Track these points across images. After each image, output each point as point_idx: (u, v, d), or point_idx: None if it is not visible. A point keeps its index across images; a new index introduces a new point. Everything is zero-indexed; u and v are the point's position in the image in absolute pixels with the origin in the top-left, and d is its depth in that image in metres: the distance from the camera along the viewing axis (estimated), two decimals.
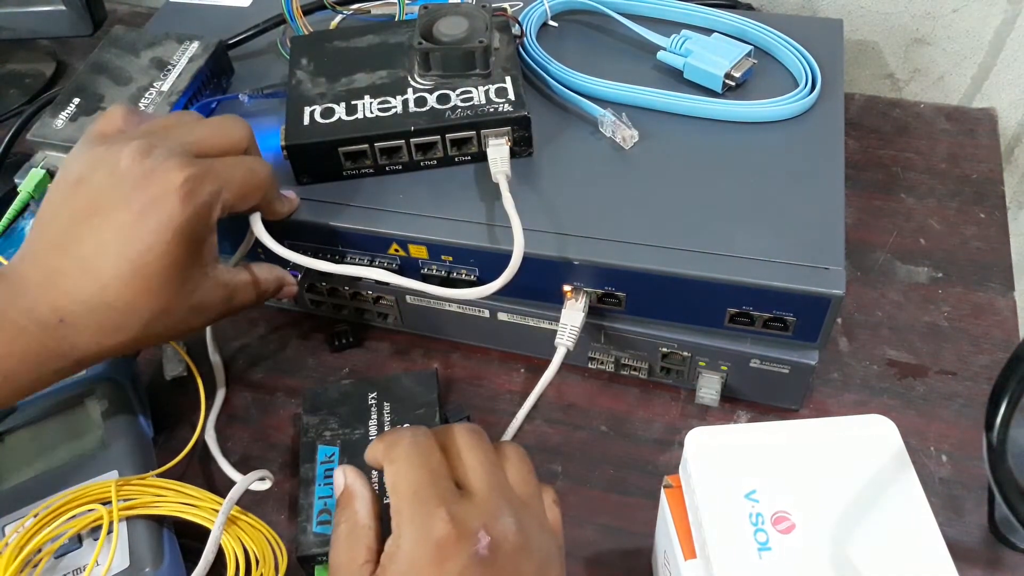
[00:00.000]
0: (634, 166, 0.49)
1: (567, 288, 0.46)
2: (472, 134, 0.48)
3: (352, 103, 0.49)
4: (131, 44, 0.55)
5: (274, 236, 0.45)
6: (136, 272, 0.38)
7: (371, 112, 0.48)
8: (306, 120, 0.48)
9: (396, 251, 0.48)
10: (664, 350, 0.48)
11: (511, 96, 0.48)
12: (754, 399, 0.50)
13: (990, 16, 0.64)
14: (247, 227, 0.46)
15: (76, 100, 0.52)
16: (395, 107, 0.48)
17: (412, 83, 0.49)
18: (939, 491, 0.46)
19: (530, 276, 0.45)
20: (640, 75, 0.53)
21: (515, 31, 0.56)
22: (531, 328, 0.50)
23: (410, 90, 0.49)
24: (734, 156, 0.48)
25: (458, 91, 0.48)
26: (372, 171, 0.49)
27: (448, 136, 0.48)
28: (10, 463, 0.45)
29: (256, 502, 0.46)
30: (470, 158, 0.49)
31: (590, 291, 0.46)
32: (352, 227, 0.47)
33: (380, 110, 0.48)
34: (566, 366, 0.49)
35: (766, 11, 0.68)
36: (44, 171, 0.49)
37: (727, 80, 0.51)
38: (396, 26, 0.54)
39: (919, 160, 0.63)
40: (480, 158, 0.49)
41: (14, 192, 0.49)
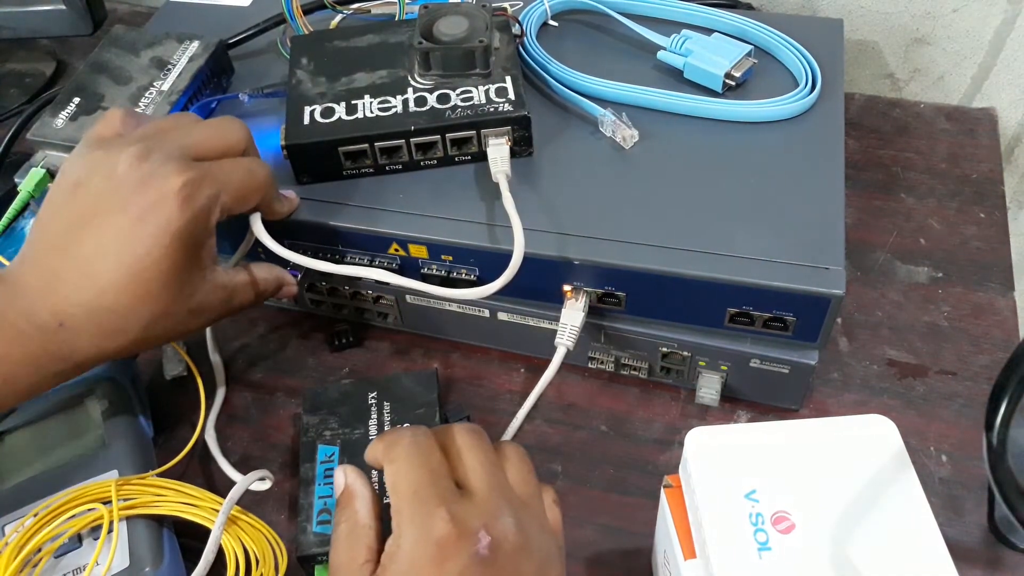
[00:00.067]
0: (634, 166, 0.49)
1: (567, 288, 0.46)
2: (472, 134, 0.48)
3: (352, 103, 0.49)
4: (131, 44, 0.55)
5: (274, 236, 0.45)
6: (134, 277, 0.38)
7: (371, 112, 0.48)
8: (306, 120, 0.48)
9: (396, 251, 0.48)
10: (664, 350, 0.48)
11: (511, 96, 0.48)
12: (754, 399, 0.50)
13: (990, 16, 0.64)
14: (247, 227, 0.46)
15: (76, 99, 0.52)
16: (395, 107, 0.48)
17: (412, 83, 0.49)
18: (939, 491, 0.46)
19: (530, 276, 0.45)
20: (640, 75, 0.53)
21: (515, 31, 0.56)
22: (531, 328, 0.50)
23: (410, 90, 0.49)
24: (734, 156, 0.48)
25: (458, 91, 0.48)
26: (372, 171, 0.49)
27: (448, 136, 0.48)
28: (10, 463, 0.45)
29: (256, 502, 0.46)
30: (470, 158, 0.49)
31: (590, 291, 0.46)
32: (352, 227, 0.47)
33: (380, 110, 0.48)
34: (566, 366, 0.49)
35: (766, 11, 0.68)
36: (44, 171, 0.49)
37: (727, 80, 0.51)
38: (396, 26, 0.54)
39: (919, 160, 0.63)
40: (480, 158, 0.49)
41: (14, 192, 0.49)
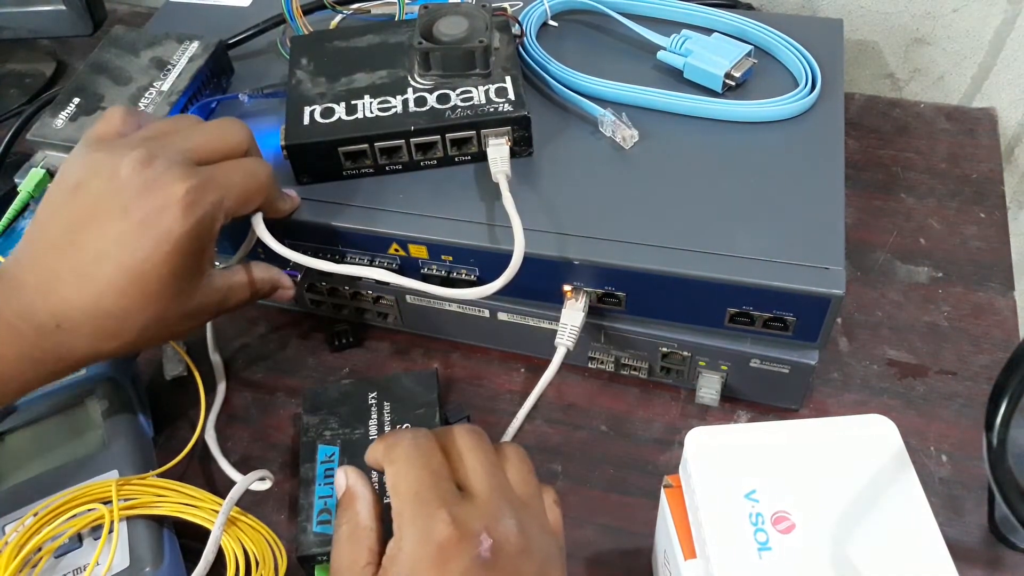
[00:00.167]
0: (634, 166, 0.49)
1: (567, 288, 0.46)
2: (472, 134, 0.48)
3: (352, 103, 0.49)
4: (131, 44, 0.55)
5: (275, 236, 0.45)
6: (133, 281, 0.38)
7: (371, 112, 0.48)
8: (306, 120, 0.48)
9: (396, 251, 0.48)
10: (664, 350, 0.48)
11: (511, 96, 0.48)
12: (754, 399, 0.50)
13: (990, 16, 0.64)
14: (248, 227, 0.46)
15: (76, 100, 0.52)
16: (395, 107, 0.48)
17: (412, 83, 0.49)
18: (939, 491, 0.46)
19: (530, 276, 0.45)
20: (640, 75, 0.53)
21: (515, 31, 0.56)
22: (531, 328, 0.50)
23: (410, 90, 0.49)
24: (734, 156, 0.48)
25: (458, 91, 0.48)
26: (372, 171, 0.49)
27: (448, 136, 0.48)
28: (10, 463, 0.45)
29: (256, 502, 0.46)
30: (470, 158, 0.49)
31: (590, 291, 0.46)
32: (352, 227, 0.47)
33: (380, 110, 0.48)
34: (566, 366, 0.49)
35: (766, 11, 0.68)
36: (44, 171, 0.49)
37: (727, 80, 0.51)
38: (396, 26, 0.54)
39: (919, 160, 0.63)
40: (480, 158, 0.48)
41: (14, 192, 0.49)
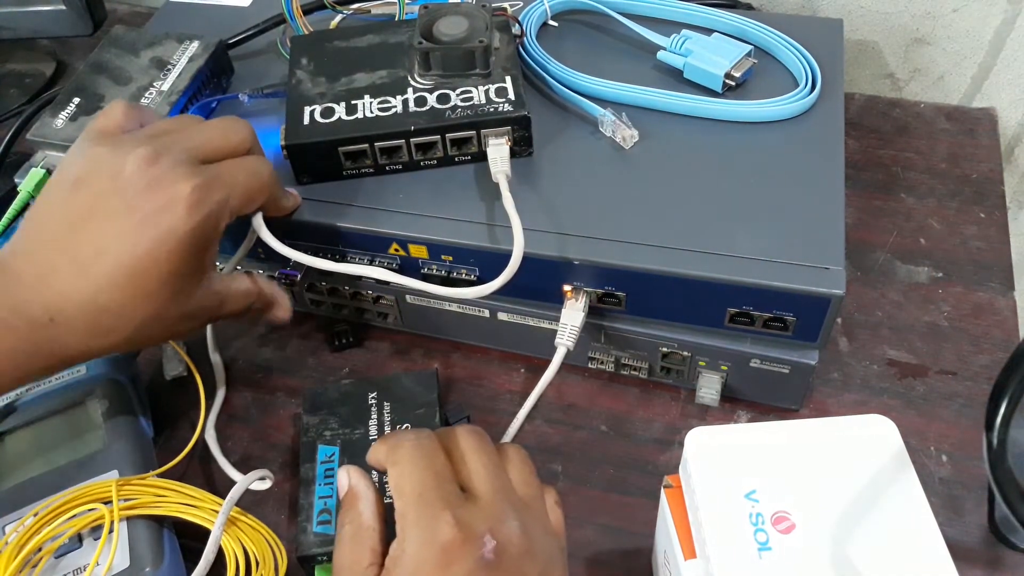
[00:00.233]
0: (634, 166, 0.49)
1: (567, 288, 0.46)
2: (472, 134, 0.48)
3: (352, 103, 0.49)
4: (131, 44, 0.55)
5: (275, 235, 0.45)
6: (133, 278, 0.38)
7: (371, 112, 0.48)
8: (306, 120, 0.48)
9: (396, 251, 0.48)
10: (664, 350, 0.48)
11: (511, 96, 0.48)
12: (754, 399, 0.50)
13: (990, 16, 0.64)
14: (248, 226, 0.46)
15: (76, 100, 0.52)
16: (395, 107, 0.48)
17: (412, 83, 0.49)
18: (939, 491, 0.46)
19: (530, 276, 0.45)
20: (640, 75, 0.53)
21: (515, 31, 0.56)
22: (531, 328, 0.50)
23: (410, 90, 0.49)
24: (734, 156, 0.48)
25: (458, 91, 0.48)
26: (372, 171, 0.49)
27: (448, 136, 0.48)
28: (10, 463, 0.45)
29: (256, 502, 0.46)
30: (470, 158, 0.49)
31: (590, 291, 0.46)
32: (352, 227, 0.47)
33: (380, 110, 0.48)
34: (566, 366, 0.49)
35: (766, 11, 0.68)
36: (44, 171, 0.49)
37: (727, 80, 0.51)
38: (396, 26, 0.54)
39: (919, 160, 0.63)
40: (480, 158, 0.49)
41: (14, 192, 0.49)
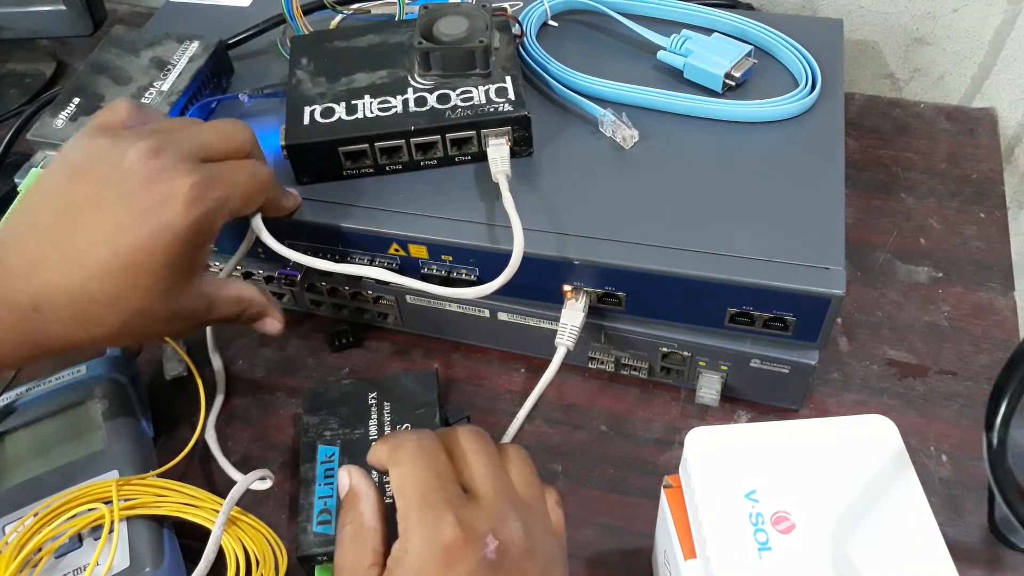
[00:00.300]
0: (634, 166, 0.49)
1: (567, 288, 0.46)
2: (472, 134, 0.48)
3: (352, 103, 0.49)
4: (131, 44, 0.55)
5: (274, 235, 0.45)
6: (126, 269, 0.38)
7: (371, 112, 0.48)
8: (306, 120, 0.48)
9: (396, 251, 0.48)
10: (664, 350, 0.48)
11: (511, 96, 0.48)
12: (754, 399, 0.50)
13: (990, 16, 0.64)
14: (247, 226, 0.46)
15: (76, 100, 0.52)
16: (395, 107, 0.48)
17: (412, 83, 0.49)
18: (939, 491, 0.46)
19: (530, 276, 0.45)
20: (640, 75, 0.53)
21: (515, 31, 0.56)
22: (531, 328, 0.50)
23: (410, 90, 0.49)
24: (734, 156, 0.48)
25: (458, 91, 0.48)
26: (372, 171, 0.49)
27: (448, 136, 0.48)
28: (10, 463, 0.45)
29: (256, 502, 0.46)
30: (470, 158, 0.49)
31: (590, 291, 0.46)
32: (352, 227, 0.47)
33: (380, 110, 0.48)
34: (566, 366, 0.49)
35: (766, 11, 0.68)
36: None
37: (727, 80, 0.51)
38: (396, 26, 0.54)
39: (919, 160, 0.63)
40: (480, 158, 0.49)
41: (14, 192, 0.49)
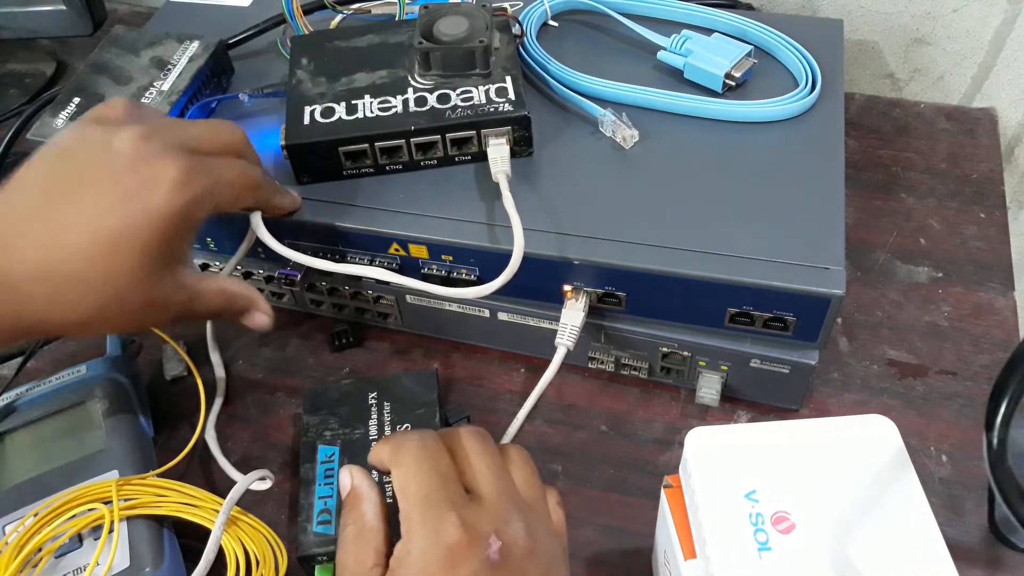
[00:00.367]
0: (634, 166, 0.49)
1: (567, 288, 0.46)
2: (472, 134, 0.48)
3: (352, 103, 0.49)
4: (131, 44, 0.55)
5: (275, 236, 0.45)
6: (106, 250, 0.37)
7: (371, 112, 0.48)
8: (306, 119, 0.48)
9: (396, 251, 0.48)
10: (664, 350, 0.48)
11: (511, 96, 0.48)
12: (754, 399, 0.50)
13: (990, 16, 0.64)
14: (247, 226, 0.46)
15: (76, 100, 0.52)
16: (395, 107, 0.48)
17: (412, 83, 0.49)
18: (939, 491, 0.46)
19: (530, 276, 0.45)
20: (640, 75, 0.53)
21: (515, 31, 0.56)
22: (531, 328, 0.50)
23: (410, 90, 0.49)
24: (734, 156, 0.48)
25: (458, 91, 0.48)
26: (372, 171, 0.49)
27: (448, 136, 0.48)
28: (10, 463, 0.45)
29: (256, 502, 0.46)
30: (470, 158, 0.49)
31: (590, 291, 0.46)
32: (352, 227, 0.47)
33: (380, 110, 0.48)
34: (566, 366, 0.49)
35: (766, 11, 0.68)
36: None
37: (727, 80, 0.51)
38: (396, 26, 0.54)
39: (919, 160, 0.63)
40: (480, 158, 0.49)
41: None
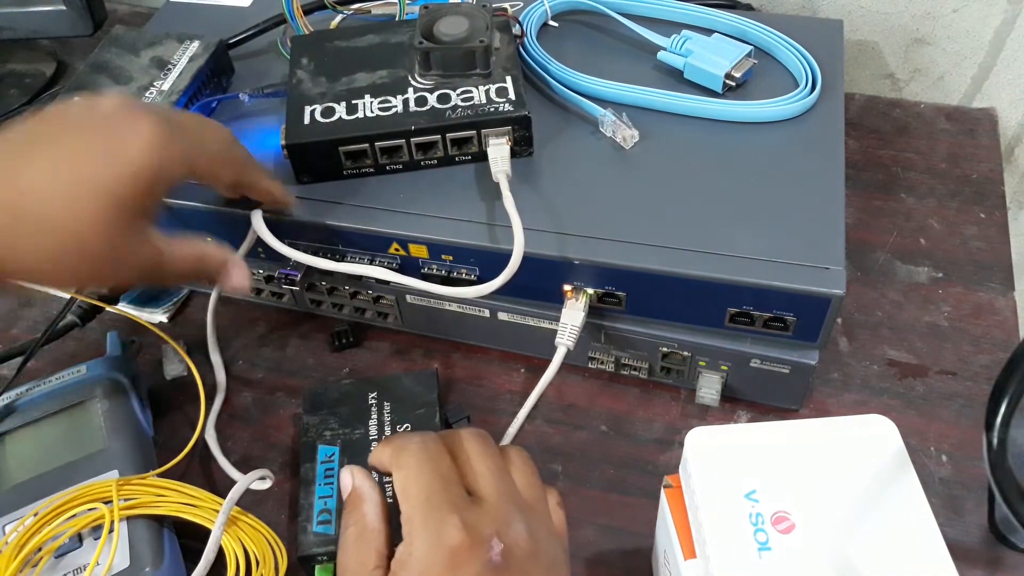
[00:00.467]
0: (634, 166, 0.49)
1: (567, 288, 0.46)
2: (472, 134, 0.48)
3: (352, 102, 0.49)
4: (131, 44, 0.55)
5: (275, 235, 0.45)
6: (71, 192, 0.37)
7: (372, 111, 0.48)
8: (306, 119, 0.48)
9: (396, 250, 0.48)
10: (664, 350, 0.48)
11: (511, 96, 0.48)
12: (754, 399, 0.50)
13: (990, 16, 0.64)
14: (247, 226, 0.46)
15: None
16: (396, 106, 0.48)
17: (413, 83, 0.49)
18: (939, 491, 0.46)
19: (530, 275, 0.45)
20: (640, 75, 0.54)
21: (515, 31, 0.56)
22: (531, 328, 0.50)
23: (411, 89, 0.49)
24: (734, 156, 0.48)
25: (459, 91, 0.48)
26: (372, 170, 0.49)
27: (448, 136, 0.48)
28: (10, 463, 0.45)
29: (256, 502, 0.46)
30: (470, 158, 0.49)
31: (590, 291, 0.46)
32: (353, 226, 0.47)
33: (381, 109, 0.48)
34: (566, 366, 0.49)
35: (766, 11, 0.68)
36: None
37: (727, 80, 0.51)
38: (396, 26, 0.54)
39: (919, 160, 0.63)
40: (480, 158, 0.49)
41: None
